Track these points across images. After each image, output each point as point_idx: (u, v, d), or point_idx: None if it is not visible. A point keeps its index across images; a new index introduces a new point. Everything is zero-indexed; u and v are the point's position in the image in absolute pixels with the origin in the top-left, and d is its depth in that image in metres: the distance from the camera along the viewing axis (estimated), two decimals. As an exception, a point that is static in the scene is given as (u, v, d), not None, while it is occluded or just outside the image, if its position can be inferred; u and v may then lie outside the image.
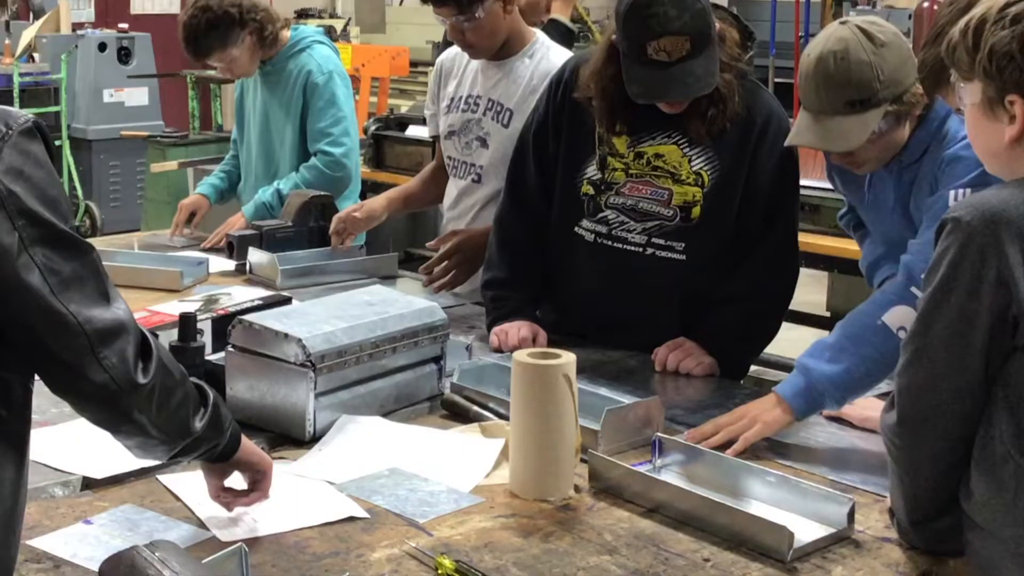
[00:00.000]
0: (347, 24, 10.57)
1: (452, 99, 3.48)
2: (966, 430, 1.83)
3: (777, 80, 6.09)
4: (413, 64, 8.25)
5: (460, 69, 3.48)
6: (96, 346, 1.60)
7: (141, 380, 1.65)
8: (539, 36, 3.41)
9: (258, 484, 2.02)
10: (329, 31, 9.04)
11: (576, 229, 2.98)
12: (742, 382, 3.02)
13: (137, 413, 1.67)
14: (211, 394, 1.85)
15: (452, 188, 3.54)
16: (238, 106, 4.35)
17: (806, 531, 2.01)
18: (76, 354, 1.60)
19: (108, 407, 1.66)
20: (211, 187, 4.34)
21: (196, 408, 1.80)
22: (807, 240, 3.89)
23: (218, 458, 1.94)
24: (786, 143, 2.56)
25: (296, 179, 4.04)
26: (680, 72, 2.67)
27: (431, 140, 3.78)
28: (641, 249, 2.90)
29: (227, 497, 2.02)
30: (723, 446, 2.35)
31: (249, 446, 2.00)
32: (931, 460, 1.87)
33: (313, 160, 4.07)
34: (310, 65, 4.08)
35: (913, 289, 2.28)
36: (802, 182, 2.96)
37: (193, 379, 1.81)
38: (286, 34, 4.11)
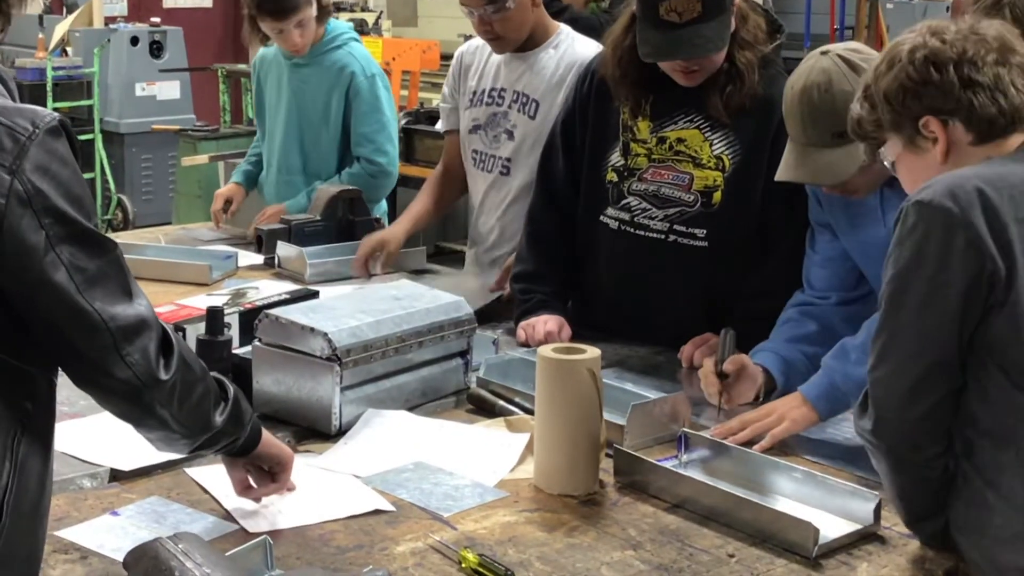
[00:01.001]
0: (379, 17, 10.57)
1: (475, 93, 3.48)
2: (946, 407, 1.84)
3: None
4: (444, 57, 8.23)
5: (481, 63, 3.48)
6: (120, 343, 1.62)
7: (163, 376, 1.67)
8: (563, 28, 3.41)
9: (278, 476, 2.04)
10: (361, 24, 9.07)
11: (601, 218, 2.98)
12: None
13: (159, 408, 1.69)
14: (231, 389, 1.86)
15: (479, 183, 3.53)
16: (258, 96, 4.33)
17: (832, 527, 2.01)
18: (100, 351, 1.62)
19: (131, 402, 1.68)
20: (244, 174, 4.33)
21: (217, 402, 1.81)
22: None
23: (239, 452, 1.95)
24: (775, 179, 2.53)
25: (340, 182, 4.03)
26: (689, 33, 2.68)
27: (443, 134, 3.73)
28: (663, 236, 2.90)
29: (251, 492, 2.03)
30: (749, 442, 2.35)
31: (270, 440, 2.01)
32: (913, 448, 1.86)
33: (357, 166, 4.03)
34: (353, 66, 4.03)
35: None
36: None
37: (214, 374, 1.83)
38: (323, 27, 4.10)
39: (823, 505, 2.09)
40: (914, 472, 1.89)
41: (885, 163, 2.04)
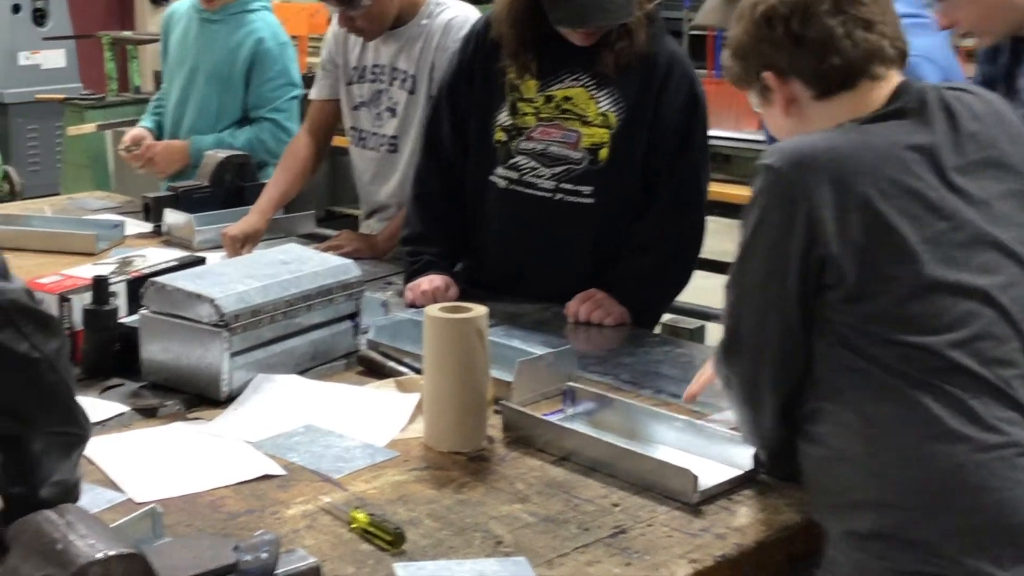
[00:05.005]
0: (266, -19, 10.45)
1: (356, 69, 3.47)
2: (789, 372, 1.87)
3: (692, 32, 6.10)
4: (331, 21, 8.17)
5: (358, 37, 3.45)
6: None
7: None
8: None
9: None
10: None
11: (490, 177, 3.00)
12: (656, 331, 3.07)
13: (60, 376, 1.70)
14: None
15: (367, 162, 3.52)
16: (164, 51, 4.31)
17: (712, 474, 2.05)
18: None
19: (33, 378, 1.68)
20: (152, 122, 4.29)
21: None
22: (719, 190, 3.93)
23: None
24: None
25: (244, 138, 4.01)
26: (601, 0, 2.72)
27: (313, 101, 3.67)
28: (551, 195, 2.93)
29: None
30: None
31: None
32: (773, 391, 1.91)
33: (263, 127, 4.03)
34: (263, 31, 4.06)
35: None
36: (712, 132, 3.00)
37: None
38: None
39: (704, 453, 2.14)
40: (770, 416, 1.93)
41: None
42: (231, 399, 2.39)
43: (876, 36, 1.91)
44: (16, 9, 8.78)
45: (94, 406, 2.31)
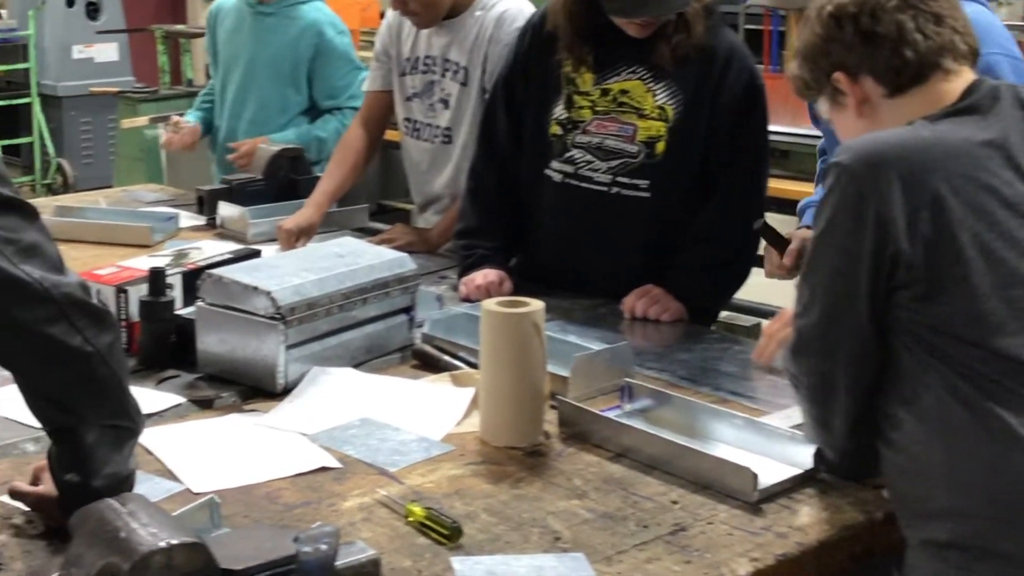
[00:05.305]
0: (317, -25, 10.47)
1: (408, 60, 3.46)
2: (861, 373, 1.85)
3: (748, 27, 6.06)
4: (383, 15, 8.17)
5: (411, 26, 3.43)
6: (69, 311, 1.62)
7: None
8: None
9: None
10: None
11: (545, 171, 2.99)
12: (712, 327, 3.05)
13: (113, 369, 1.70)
14: None
15: (422, 153, 3.51)
16: (212, 47, 4.31)
17: (773, 472, 2.03)
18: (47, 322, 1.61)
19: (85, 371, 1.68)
20: (196, 117, 4.30)
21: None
22: (776, 186, 3.89)
23: None
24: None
25: (332, 128, 4.02)
26: None
27: (366, 93, 3.67)
28: (606, 188, 2.91)
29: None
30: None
31: None
32: (845, 392, 1.88)
33: (349, 113, 3.99)
34: (322, 23, 4.08)
35: None
36: (771, 127, 2.97)
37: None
38: None
39: (764, 451, 2.12)
40: (838, 417, 1.91)
41: (829, 122, 2.06)
42: (287, 391, 2.39)
43: (947, 31, 1.88)
44: (70, 3, 8.86)
45: (150, 397, 2.32)
